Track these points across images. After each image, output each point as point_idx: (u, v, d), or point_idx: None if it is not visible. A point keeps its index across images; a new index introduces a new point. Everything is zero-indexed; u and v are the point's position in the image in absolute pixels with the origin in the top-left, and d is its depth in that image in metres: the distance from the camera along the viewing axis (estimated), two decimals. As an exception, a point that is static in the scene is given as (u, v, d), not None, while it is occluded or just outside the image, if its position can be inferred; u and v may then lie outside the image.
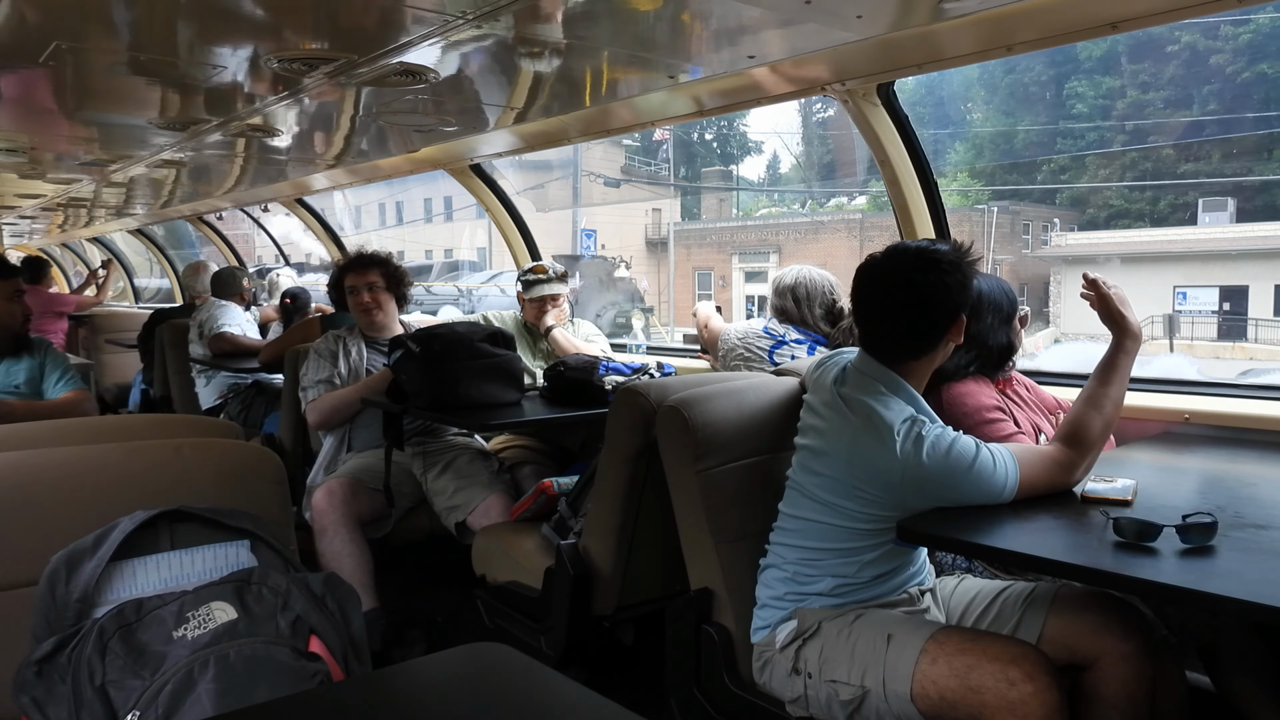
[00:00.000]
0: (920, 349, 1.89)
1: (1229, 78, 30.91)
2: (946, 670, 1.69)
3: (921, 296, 1.85)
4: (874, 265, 1.92)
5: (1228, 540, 1.57)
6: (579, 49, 2.53)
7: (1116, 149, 33.09)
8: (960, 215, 29.19)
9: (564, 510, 2.71)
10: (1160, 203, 32.55)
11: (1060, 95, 34.92)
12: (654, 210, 37.09)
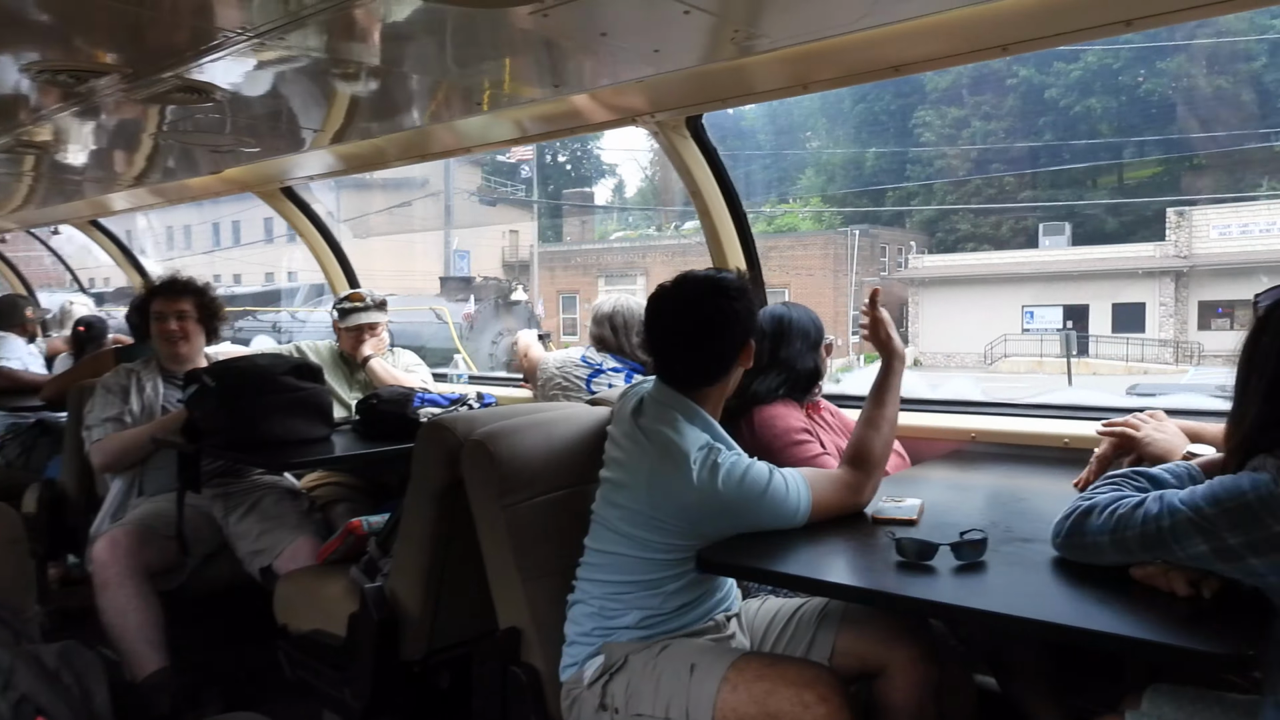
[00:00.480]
0: (712, 375, 1.92)
1: (1062, 110, 34.06)
2: (746, 697, 1.70)
3: (711, 323, 1.88)
4: (664, 295, 1.93)
5: (997, 555, 1.66)
6: (388, 72, 2.44)
7: (963, 176, 35.84)
8: (825, 239, 30.52)
9: (373, 551, 2.57)
10: (1003, 227, 35.33)
11: (908, 124, 37.33)
12: (511, 232, 36.40)
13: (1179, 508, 1.39)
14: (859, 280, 28.93)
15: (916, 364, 27.37)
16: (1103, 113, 33.67)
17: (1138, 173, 34.79)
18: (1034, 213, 32.94)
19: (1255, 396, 1.41)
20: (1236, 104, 30.58)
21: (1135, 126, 32.52)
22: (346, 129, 3.22)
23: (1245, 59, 30.92)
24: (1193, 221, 25.63)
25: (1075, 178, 34.62)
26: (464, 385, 3.55)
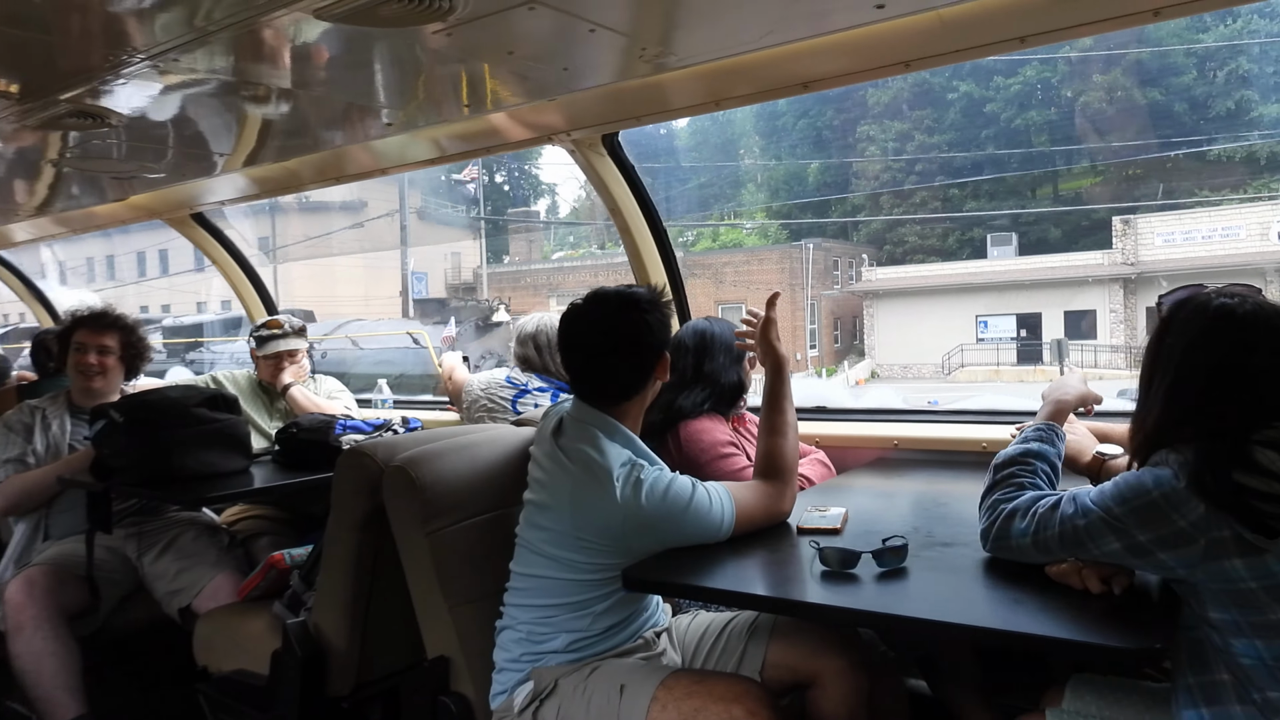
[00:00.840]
0: (629, 390, 1.91)
1: (1003, 123, 34.81)
2: (675, 715, 1.69)
3: (624, 338, 1.88)
4: (575, 313, 1.93)
5: (919, 560, 1.69)
6: (297, 94, 2.40)
7: (908, 188, 36.17)
8: (780, 253, 30.61)
9: (296, 585, 2.50)
10: (949, 238, 35.88)
11: (851, 139, 37.71)
12: (453, 254, 35.61)
13: (1091, 508, 1.43)
14: (814, 294, 29.25)
15: (874, 376, 27.59)
16: (1042, 125, 34.58)
17: (1073, 183, 35.81)
18: (980, 222, 33.66)
19: (1158, 395, 1.46)
20: (1169, 115, 31.81)
21: (1073, 138, 33.54)
22: (259, 152, 3.15)
23: (1175, 72, 32.21)
24: (1138, 229, 26.10)
25: (1013, 187, 35.28)
26: (389, 410, 3.48)
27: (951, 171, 35.68)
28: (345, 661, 2.28)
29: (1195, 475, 1.33)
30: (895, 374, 28.26)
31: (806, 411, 2.92)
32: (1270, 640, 1.32)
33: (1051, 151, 33.94)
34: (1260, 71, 30.66)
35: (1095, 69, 32.79)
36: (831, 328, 31.60)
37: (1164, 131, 31.29)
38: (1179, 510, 1.33)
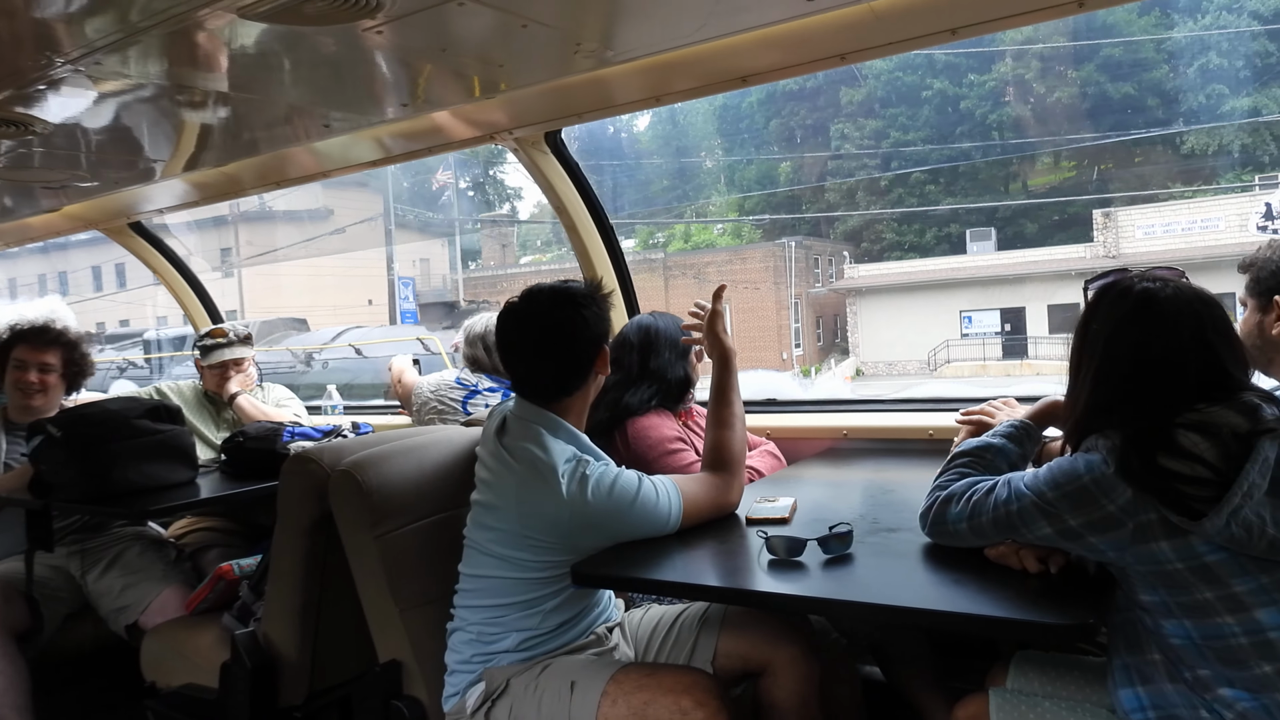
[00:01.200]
0: (570, 385, 1.91)
1: (978, 120, 34.99)
2: (625, 710, 1.69)
3: (563, 333, 1.88)
4: (513, 309, 1.92)
5: (864, 546, 1.71)
6: (231, 97, 2.35)
7: (886, 185, 36.09)
8: (764, 251, 30.36)
9: (246, 595, 2.47)
10: (926, 235, 35.92)
11: (825, 138, 37.67)
12: (421, 260, 34.88)
13: (1025, 493, 1.45)
14: (798, 292, 29.05)
15: (859, 374, 27.46)
16: (1017, 120, 34.78)
17: (1045, 178, 36.03)
18: (958, 218, 33.63)
19: (1086, 381, 1.49)
20: (1142, 109, 32.29)
21: (1047, 133, 33.73)
22: (198, 157, 3.09)
23: (1147, 67, 32.76)
24: (1118, 222, 26.14)
25: (986, 183, 35.39)
26: (339, 416, 3.44)
27: (928, 169, 35.76)
28: (297, 670, 2.25)
29: (1122, 460, 1.35)
30: (880, 371, 28.11)
31: (756, 404, 2.95)
32: (1199, 620, 1.35)
33: (1025, 146, 34.21)
34: (1229, 65, 31.18)
35: (1068, 65, 33.20)
36: (814, 326, 31.40)
37: (1137, 124, 31.67)
38: (1108, 495, 1.36)
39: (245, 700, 2.21)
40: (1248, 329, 1.84)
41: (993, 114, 35.01)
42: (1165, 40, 32.62)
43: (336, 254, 28.12)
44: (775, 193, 39.36)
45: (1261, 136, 30.80)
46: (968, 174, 36.20)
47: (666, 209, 41.43)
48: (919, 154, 35.97)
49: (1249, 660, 1.33)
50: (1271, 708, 1.31)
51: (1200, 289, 1.46)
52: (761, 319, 29.01)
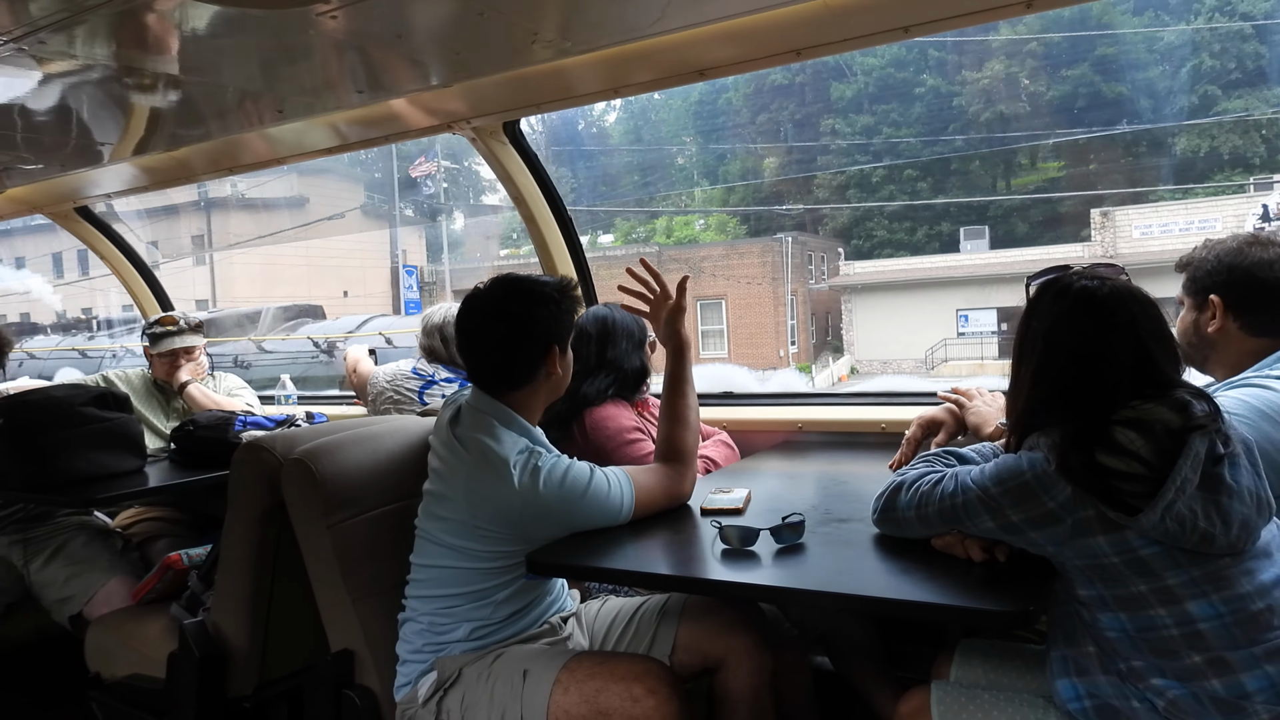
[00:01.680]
0: (515, 378, 1.90)
1: (971, 117, 34.64)
2: (578, 697, 1.70)
3: (510, 326, 1.87)
4: (472, 297, 1.92)
5: (815, 536, 1.73)
6: (182, 80, 2.31)
7: (877, 180, 35.55)
8: (762, 246, 29.29)
9: (195, 585, 2.43)
10: (917, 233, 35.31)
11: (815, 133, 36.98)
12: (401, 251, 34.51)
13: (970, 487, 1.48)
14: (794, 288, 28.22)
15: (854, 372, 27.06)
16: (1010, 118, 34.38)
17: (1033, 177, 35.64)
18: (950, 215, 33.23)
19: (1026, 378, 1.52)
20: (1134, 110, 32.27)
21: (1041, 131, 33.42)
22: (148, 141, 3.03)
23: (1139, 68, 32.72)
24: (1116, 222, 25.81)
25: (975, 181, 34.90)
26: (293, 406, 3.40)
27: (919, 165, 35.35)
28: (246, 660, 2.22)
29: (1062, 457, 1.38)
30: (875, 369, 27.55)
31: (713, 397, 2.97)
32: (1133, 612, 1.39)
33: (1019, 145, 33.91)
34: (1222, 68, 31.30)
35: (1062, 64, 33.05)
36: (807, 323, 30.58)
37: (1130, 124, 31.61)
38: (1048, 492, 1.39)
39: (193, 690, 2.18)
40: (1184, 327, 1.88)
41: (985, 111, 34.67)
42: (1158, 40, 32.71)
43: (313, 239, 27.46)
44: (759, 185, 38.76)
45: (1251, 138, 30.96)
46: (959, 171, 35.91)
47: (650, 198, 40.69)
48: (910, 150, 35.60)
49: (1179, 651, 1.37)
50: (1200, 695, 1.36)
51: (1136, 288, 1.50)
52: (760, 314, 28.29)
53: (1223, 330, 1.81)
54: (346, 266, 29.39)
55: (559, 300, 1.90)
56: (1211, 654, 1.35)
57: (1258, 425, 1.59)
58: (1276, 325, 1.78)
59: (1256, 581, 1.37)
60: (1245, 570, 1.37)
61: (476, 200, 40.44)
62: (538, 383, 1.91)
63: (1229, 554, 1.36)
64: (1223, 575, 1.36)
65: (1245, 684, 1.34)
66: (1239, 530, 1.35)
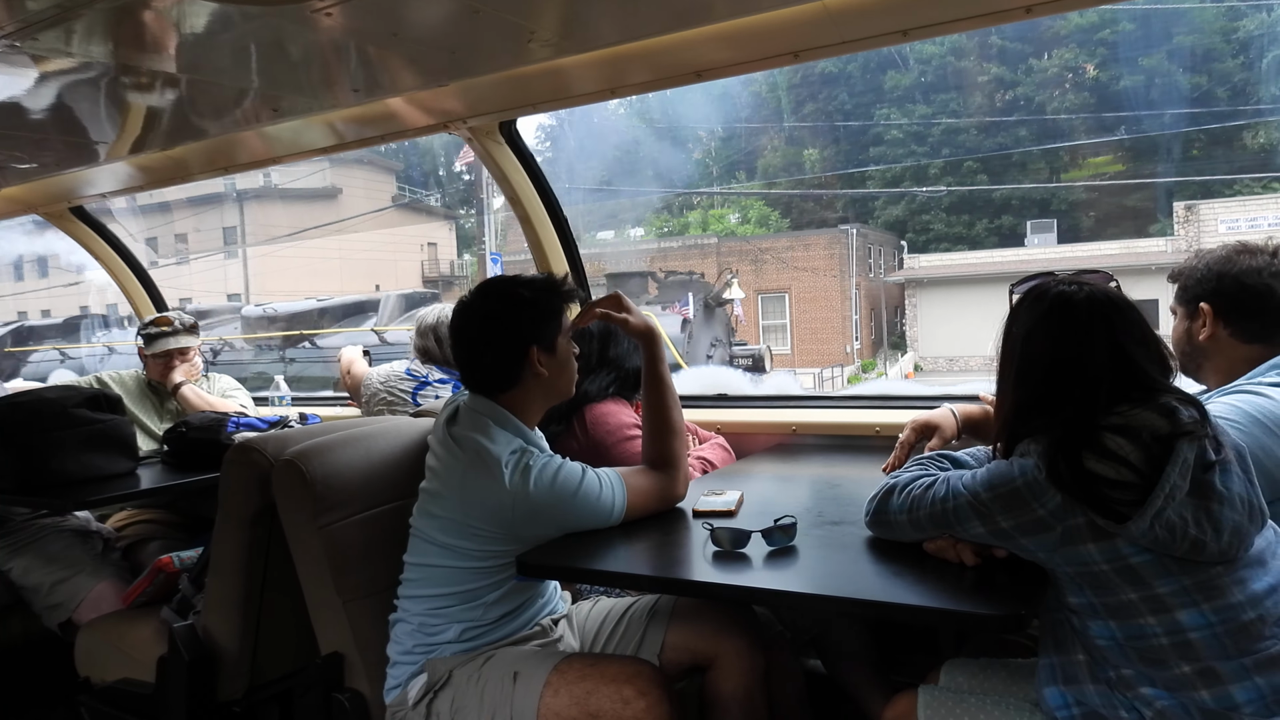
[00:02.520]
0: (502, 380, 1.89)
1: (1036, 107, 33.49)
2: (568, 700, 1.69)
3: (486, 330, 1.88)
4: (460, 301, 1.93)
5: (807, 539, 1.72)
6: (178, 78, 2.30)
7: (936, 172, 34.05)
8: (829, 238, 28.35)
9: (186, 588, 2.42)
10: (975, 226, 33.91)
11: (869, 122, 35.63)
12: (429, 245, 33.17)
13: (961, 492, 1.48)
14: (859, 282, 27.29)
15: (917, 369, 26.51)
16: (1077, 108, 33.13)
17: (1092, 169, 34.16)
18: (1014, 207, 31.66)
19: (1010, 383, 1.52)
20: (1210, 100, 30.97)
21: (1109, 123, 32.23)
22: (144, 140, 3.02)
23: (1217, 58, 31.54)
24: (1200, 215, 24.60)
25: (1039, 174, 32.99)
26: (286, 407, 3.38)
27: (980, 158, 33.55)
28: (236, 664, 2.21)
29: (1051, 464, 1.38)
30: (940, 367, 26.69)
31: (707, 399, 2.96)
32: (1123, 620, 1.38)
33: (1084, 136, 32.33)
34: None
35: (1138, 52, 31.72)
36: (869, 318, 29.50)
37: (1206, 116, 30.29)
38: (1039, 499, 1.38)
39: (182, 694, 2.17)
40: (1177, 336, 1.89)
41: (1051, 102, 33.28)
42: (1235, 31, 31.54)
43: (346, 234, 27.14)
44: (804, 179, 37.20)
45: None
46: (1020, 163, 34.37)
47: (692, 189, 38.85)
48: (970, 142, 34.19)
49: (1169, 660, 1.36)
50: (1189, 706, 1.35)
51: (1116, 293, 1.49)
52: (824, 309, 27.35)
53: (1214, 338, 1.82)
54: (379, 259, 29.01)
55: (537, 301, 1.89)
56: (1201, 664, 1.34)
57: (1251, 432, 1.59)
58: (1267, 332, 1.78)
59: (1248, 591, 1.36)
60: (1237, 579, 1.36)
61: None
62: (525, 384, 1.90)
63: (1220, 562, 1.35)
64: (1214, 584, 1.35)
65: (1234, 695, 1.33)
66: (1230, 537, 1.34)
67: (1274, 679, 1.33)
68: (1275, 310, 1.77)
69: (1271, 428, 1.60)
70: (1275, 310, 1.77)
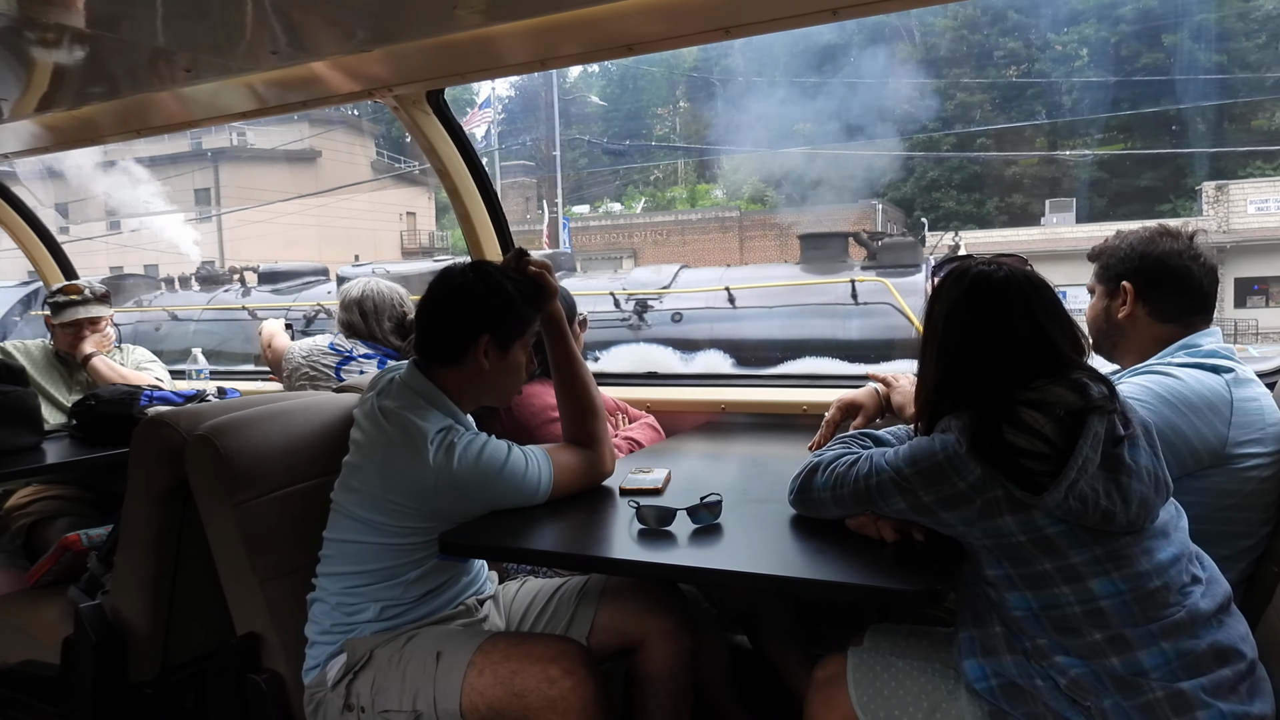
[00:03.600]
0: (447, 356, 1.86)
1: (1050, 83, 32.44)
2: (493, 679, 1.67)
3: (453, 301, 1.85)
4: (451, 267, 1.89)
5: (733, 516, 1.73)
6: (85, 33, 2.18)
7: (948, 147, 32.77)
8: (858, 212, 26.84)
9: (94, 567, 2.33)
10: (986, 205, 32.80)
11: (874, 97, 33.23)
12: (408, 214, 31.60)
13: (884, 468, 1.50)
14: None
15: None
16: (1090, 86, 31.66)
17: (1110, 148, 32.74)
18: (1021, 186, 29.97)
19: (931, 360, 1.55)
20: (1231, 79, 29.89)
21: (1123, 99, 30.51)
22: (51, 98, 2.87)
23: (1234, 36, 30.55)
24: (1230, 195, 24.28)
25: (1054, 149, 31.60)
26: (204, 381, 3.27)
27: (992, 134, 31.83)
28: (148, 645, 2.14)
29: (972, 438, 1.41)
30: None
31: (637, 377, 2.96)
32: (1038, 591, 1.43)
33: (1100, 110, 30.58)
34: None
35: (1160, 29, 30.40)
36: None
37: (1225, 95, 29.25)
38: (959, 473, 1.41)
39: (90, 676, 2.09)
40: (1094, 314, 1.95)
41: (1068, 78, 32.21)
42: (1256, 8, 30.88)
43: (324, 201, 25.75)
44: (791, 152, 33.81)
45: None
46: (1031, 139, 33.18)
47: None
48: (988, 116, 33.13)
49: (1082, 628, 1.41)
50: (1100, 673, 1.40)
51: (1032, 273, 1.54)
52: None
53: (1132, 316, 1.88)
54: (358, 229, 27.55)
55: (514, 299, 1.86)
56: (1111, 631, 1.39)
57: (1159, 411, 1.65)
58: (1181, 312, 1.85)
59: (1155, 560, 1.41)
60: (1144, 549, 1.41)
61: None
62: (466, 368, 1.86)
63: (1129, 532, 1.40)
64: (1123, 554, 1.40)
65: (1142, 661, 1.38)
66: (1138, 508, 1.39)
67: (1179, 644, 1.39)
68: (1191, 292, 1.84)
69: (1180, 406, 1.67)
70: (1191, 292, 1.84)
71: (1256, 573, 1.73)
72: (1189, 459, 1.67)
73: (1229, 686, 1.38)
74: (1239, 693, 1.38)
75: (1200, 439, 1.66)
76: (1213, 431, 1.67)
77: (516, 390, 1.97)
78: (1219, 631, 1.42)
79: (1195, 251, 1.85)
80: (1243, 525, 1.72)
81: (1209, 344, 1.79)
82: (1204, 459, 1.67)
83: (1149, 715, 1.36)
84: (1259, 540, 1.73)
